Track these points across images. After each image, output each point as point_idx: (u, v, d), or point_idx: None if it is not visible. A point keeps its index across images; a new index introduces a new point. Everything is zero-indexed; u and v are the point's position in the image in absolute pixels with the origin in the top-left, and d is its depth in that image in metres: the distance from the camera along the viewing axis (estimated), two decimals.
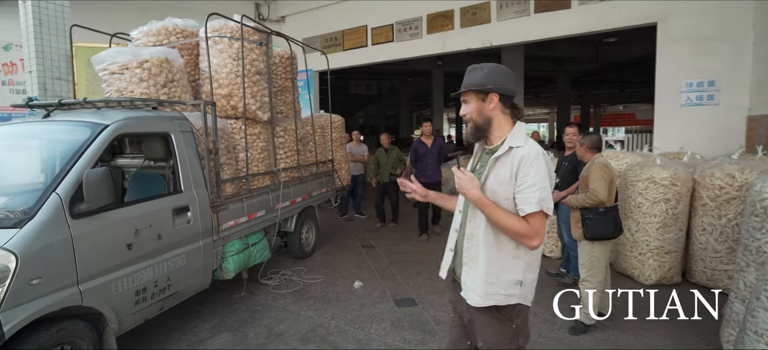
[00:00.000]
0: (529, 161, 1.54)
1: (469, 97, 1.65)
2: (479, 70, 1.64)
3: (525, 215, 1.52)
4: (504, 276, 1.59)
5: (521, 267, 1.60)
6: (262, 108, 4.28)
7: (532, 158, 1.54)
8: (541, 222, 1.53)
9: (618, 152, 4.93)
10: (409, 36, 8.73)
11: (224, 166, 3.75)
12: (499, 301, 1.61)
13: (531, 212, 1.51)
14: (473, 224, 1.65)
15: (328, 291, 4.05)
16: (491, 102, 1.62)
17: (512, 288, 1.60)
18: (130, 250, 2.67)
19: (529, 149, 1.56)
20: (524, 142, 1.58)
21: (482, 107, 1.63)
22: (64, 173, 2.42)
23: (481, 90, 1.61)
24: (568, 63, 16.74)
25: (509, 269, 1.59)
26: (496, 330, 1.65)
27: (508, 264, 1.60)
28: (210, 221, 3.40)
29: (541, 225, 1.53)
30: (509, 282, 1.59)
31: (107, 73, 3.61)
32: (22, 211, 2.25)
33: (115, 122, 2.80)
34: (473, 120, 1.65)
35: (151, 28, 4.31)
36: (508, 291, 1.60)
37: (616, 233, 3.19)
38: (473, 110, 1.64)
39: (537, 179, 1.52)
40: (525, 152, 1.56)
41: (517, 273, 1.59)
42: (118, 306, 2.61)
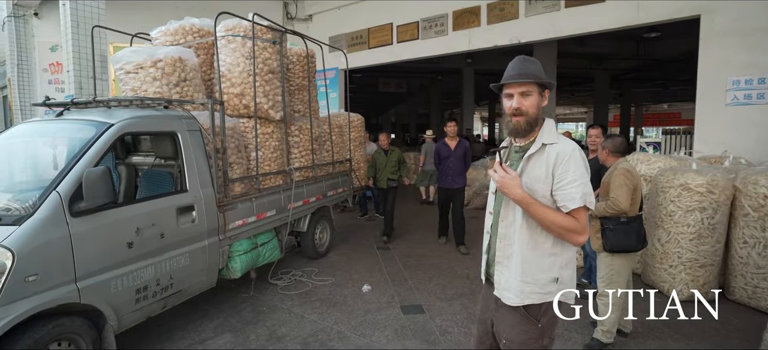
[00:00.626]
0: (567, 157, 1.52)
1: (533, 88, 1.58)
2: (534, 64, 1.61)
3: (569, 212, 1.50)
4: (540, 274, 1.57)
5: (558, 264, 1.58)
6: (274, 107, 4.26)
7: (568, 154, 1.53)
8: (585, 217, 1.52)
9: (650, 155, 4.57)
10: (434, 33, 8.54)
11: (234, 165, 3.75)
12: (535, 299, 1.58)
13: (575, 207, 1.49)
14: (506, 223, 1.63)
15: (335, 293, 3.99)
16: (545, 98, 1.61)
17: (549, 286, 1.58)
18: (130, 248, 2.70)
19: (565, 145, 1.55)
20: (557, 138, 1.58)
21: (539, 103, 1.60)
22: (65, 171, 2.46)
23: (544, 84, 1.59)
24: (607, 60, 15.95)
25: (545, 267, 1.58)
26: (521, 329, 1.62)
27: (544, 262, 1.58)
28: (216, 221, 3.40)
29: (586, 221, 1.52)
30: (545, 280, 1.58)
31: (123, 72, 3.69)
32: (22, 208, 2.30)
33: (120, 121, 2.83)
34: (529, 114, 1.58)
35: (168, 27, 4.39)
36: (544, 289, 1.58)
37: (639, 245, 2.92)
38: (534, 103, 1.58)
39: (577, 174, 1.51)
40: (560, 148, 1.55)
41: (554, 270, 1.58)
42: (118, 303, 2.64)
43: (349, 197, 5.96)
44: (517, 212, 1.59)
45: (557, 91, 23.59)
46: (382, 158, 6.09)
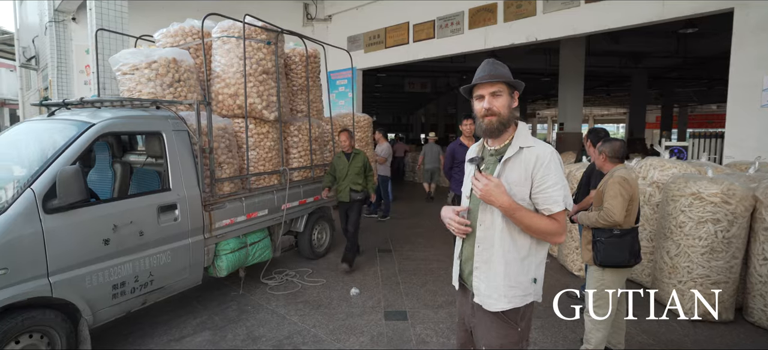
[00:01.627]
0: (547, 160, 1.54)
1: (503, 89, 1.59)
2: (503, 67, 1.62)
3: (550, 214, 1.53)
4: (522, 276, 1.59)
5: (535, 264, 1.61)
6: (269, 107, 4.27)
7: (548, 157, 1.54)
8: (564, 218, 1.57)
9: (664, 160, 4.24)
10: (450, 32, 8.36)
11: (223, 165, 3.79)
12: (518, 303, 1.59)
13: (558, 211, 1.53)
14: (484, 227, 1.61)
15: (322, 296, 3.95)
16: (515, 100, 1.63)
17: (529, 287, 1.60)
18: (107, 245, 2.76)
19: (543, 148, 1.56)
20: (534, 142, 1.59)
21: (510, 103, 1.61)
22: (42, 169, 2.55)
23: (514, 85, 1.61)
24: (644, 58, 15.12)
25: (525, 269, 1.59)
26: (501, 333, 1.63)
27: (524, 264, 1.59)
28: (201, 220, 3.45)
29: (565, 220, 1.58)
30: (527, 281, 1.59)
31: (120, 73, 3.81)
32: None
33: (100, 121, 2.91)
34: (501, 115, 1.59)
35: (169, 30, 4.50)
36: (525, 291, 1.59)
37: (631, 260, 2.69)
38: (504, 104, 1.59)
39: (558, 177, 1.53)
40: (539, 152, 1.56)
41: (532, 270, 1.60)
42: (93, 298, 2.71)
43: None
44: (495, 216, 1.58)
45: (591, 91, 22.62)
46: (342, 163, 4.80)
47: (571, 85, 11.23)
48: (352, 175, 4.72)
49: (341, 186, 4.76)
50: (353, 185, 4.71)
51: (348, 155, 4.82)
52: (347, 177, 4.72)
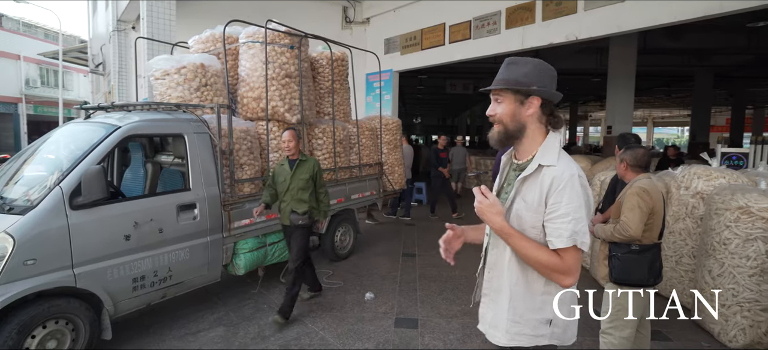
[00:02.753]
0: (562, 185, 1.31)
1: (504, 96, 1.41)
2: (521, 66, 1.39)
3: (556, 249, 1.31)
4: (530, 314, 1.40)
5: (551, 304, 1.39)
6: (291, 110, 4.37)
7: (565, 181, 1.31)
8: (574, 258, 1.31)
9: (711, 168, 3.84)
10: (486, 32, 8.14)
11: (244, 166, 3.92)
12: (524, 342, 1.41)
13: (562, 246, 1.30)
14: (496, 252, 1.47)
15: (337, 299, 3.97)
16: (530, 107, 1.39)
17: (540, 328, 1.39)
18: (127, 241, 2.94)
19: (563, 169, 1.32)
20: (557, 160, 1.35)
21: (518, 111, 1.40)
22: (70, 168, 2.76)
23: (522, 90, 1.37)
24: (710, 56, 13.93)
25: (536, 307, 1.39)
26: None
27: (535, 300, 1.39)
28: (220, 219, 3.58)
29: (574, 261, 1.32)
30: (537, 320, 1.39)
31: (153, 78, 4.05)
32: (29, 200, 2.63)
33: (127, 124, 3.11)
34: (504, 124, 1.42)
35: (201, 36, 4.73)
36: (535, 331, 1.40)
37: (651, 280, 2.47)
38: (506, 112, 1.40)
39: (571, 208, 1.30)
40: (557, 173, 1.33)
41: (547, 311, 1.39)
42: (114, 290, 2.90)
43: (379, 201, 5.91)
44: None
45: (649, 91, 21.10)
46: (284, 173, 3.58)
47: (621, 86, 10.54)
48: (294, 190, 3.53)
49: (282, 205, 3.62)
50: (295, 204, 3.53)
51: (292, 162, 3.61)
52: (288, 192, 3.55)
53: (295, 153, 3.60)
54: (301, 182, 3.56)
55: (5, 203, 2.68)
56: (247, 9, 8.74)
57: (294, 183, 3.55)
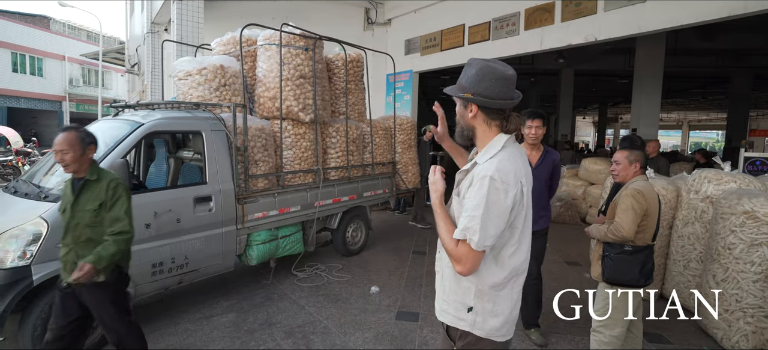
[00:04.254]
0: (476, 182, 1.40)
1: (456, 99, 1.52)
2: (468, 70, 1.47)
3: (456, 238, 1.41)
4: (454, 296, 1.51)
5: (473, 293, 1.46)
6: (305, 110, 4.56)
7: (478, 179, 1.39)
8: (464, 250, 1.37)
9: (722, 173, 3.77)
10: (505, 33, 8.13)
11: (259, 162, 4.13)
12: (448, 320, 1.54)
13: (455, 237, 1.40)
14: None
15: (343, 291, 4.13)
16: (471, 111, 1.47)
17: (461, 312, 1.49)
18: (148, 229, 3.19)
19: (484, 168, 1.40)
20: (488, 159, 1.42)
21: (463, 114, 1.50)
22: (98, 161, 3.02)
23: (460, 97, 1.47)
24: (748, 56, 13.34)
25: (460, 291, 1.49)
26: (442, 346, 1.63)
27: (460, 285, 1.49)
28: (234, 212, 3.80)
29: (464, 254, 1.37)
30: (459, 304, 1.50)
31: (176, 79, 4.33)
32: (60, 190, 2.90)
33: (149, 121, 3.36)
34: (458, 123, 1.56)
35: (223, 39, 4.99)
36: (457, 313, 1.50)
37: (641, 281, 2.50)
38: (457, 113, 1.54)
39: (471, 205, 1.38)
40: (477, 171, 1.42)
41: (469, 298, 1.47)
42: (135, 274, 3.11)
43: (392, 199, 6.04)
44: None
45: (683, 93, 20.29)
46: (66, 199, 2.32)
47: (647, 87, 10.28)
48: (81, 227, 2.26)
49: (62, 250, 2.31)
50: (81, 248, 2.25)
51: (77, 182, 2.31)
52: (70, 232, 2.27)
53: (79, 168, 2.27)
54: (86, 215, 2.24)
55: (42, 192, 2.98)
56: (272, 11, 9.07)
57: (80, 216, 2.24)
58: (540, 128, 3.14)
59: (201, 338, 3.20)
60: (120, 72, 25.35)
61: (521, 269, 1.49)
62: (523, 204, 1.42)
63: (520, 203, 1.41)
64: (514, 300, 1.50)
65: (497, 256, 1.45)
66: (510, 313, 1.49)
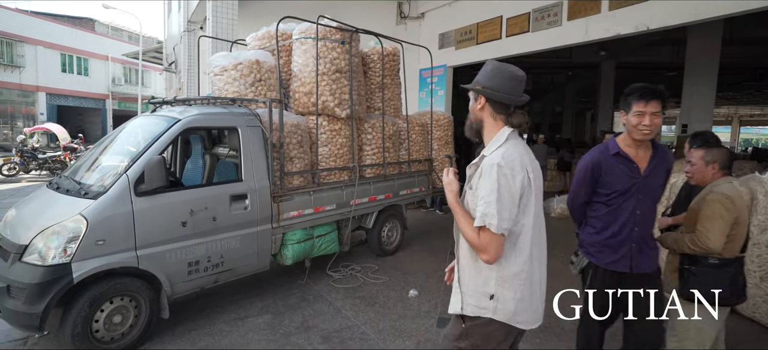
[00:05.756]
0: (486, 171, 1.50)
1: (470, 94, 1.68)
2: (485, 67, 1.64)
3: (476, 227, 1.50)
4: (476, 286, 1.57)
5: (494, 280, 1.54)
6: (340, 105, 4.42)
7: (487, 168, 1.50)
8: (487, 238, 1.47)
9: None
10: (547, 24, 7.72)
11: (294, 159, 4.02)
12: (469, 311, 1.58)
13: (477, 225, 1.49)
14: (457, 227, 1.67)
15: (380, 293, 3.97)
16: (479, 103, 1.61)
17: (484, 301, 1.55)
18: (184, 227, 3.13)
19: (491, 158, 1.51)
20: (494, 151, 1.54)
21: (473, 106, 1.65)
22: (136, 158, 2.98)
23: (473, 89, 1.63)
24: None
25: (481, 281, 1.56)
26: (447, 334, 1.71)
27: (481, 275, 1.57)
28: (269, 210, 3.71)
29: (487, 241, 1.47)
30: (480, 293, 1.56)
31: (212, 74, 4.28)
32: (101, 186, 2.88)
33: (186, 117, 3.30)
34: (469, 117, 1.69)
35: (258, 33, 4.92)
36: (479, 303, 1.56)
37: (733, 299, 2.17)
38: (470, 107, 1.68)
39: (485, 192, 1.48)
40: (485, 161, 1.53)
41: (490, 286, 1.55)
42: (172, 273, 3.10)
43: (427, 197, 5.84)
44: None
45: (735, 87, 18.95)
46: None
47: (701, 80, 9.59)
48: None
49: None
50: None
51: None
52: None
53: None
54: None
55: (82, 188, 2.96)
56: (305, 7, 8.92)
57: None
58: (657, 115, 2.05)
59: (236, 340, 3.13)
60: (158, 70, 26.24)
61: (534, 255, 1.55)
62: (531, 189, 1.50)
63: (529, 188, 1.49)
64: (534, 285, 1.55)
65: (515, 243, 1.52)
66: (530, 299, 1.54)
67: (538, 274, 1.58)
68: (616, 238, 2.18)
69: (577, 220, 2.42)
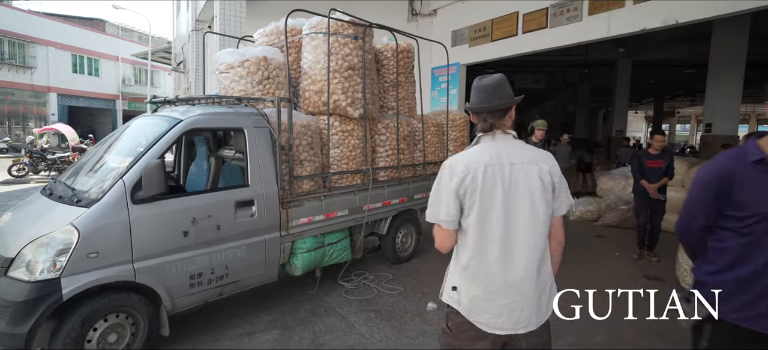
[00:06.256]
0: None
1: None
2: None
3: None
4: (449, 275, 1.68)
5: (456, 272, 1.63)
6: (353, 104, 4.15)
7: None
8: (435, 229, 1.63)
9: None
10: (565, 20, 7.38)
11: (304, 162, 3.76)
12: (445, 298, 1.67)
13: None
14: None
15: (397, 306, 3.69)
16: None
17: (450, 290, 1.64)
18: (186, 237, 2.88)
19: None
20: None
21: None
22: (133, 162, 2.74)
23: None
24: None
25: (451, 271, 1.67)
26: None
27: (451, 266, 1.69)
28: (278, 217, 3.45)
29: (436, 232, 1.63)
30: (449, 282, 1.66)
31: (218, 72, 4.04)
32: (95, 193, 2.64)
33: (188, 117, 3.05)
34: None
35: (266, 29, 4.67)
36: (449, 292, 1.64)
37: None
38: None
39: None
40: None
41: (455, 278, 1.63)
42: (172, 286, 2.85)
43: None
44: None
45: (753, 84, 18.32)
46: None
47: (726, 78, 9.16)
48: None
49: None
50: None
51: None
52: None
53: None
54: None
55: (75, 195, 2.73)
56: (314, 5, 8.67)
57: None
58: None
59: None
60: (167, 71, 26.26)
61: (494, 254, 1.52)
62: (476, 190, 1.50)
63: (472, 190, 1.51)
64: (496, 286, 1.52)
65: (464, 239, 1.58)
66: (488, 299, 1.53)
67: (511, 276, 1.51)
68: (759, 282, 1.45)
69: (691, 251, 1.75)
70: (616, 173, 8.44)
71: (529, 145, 1.62)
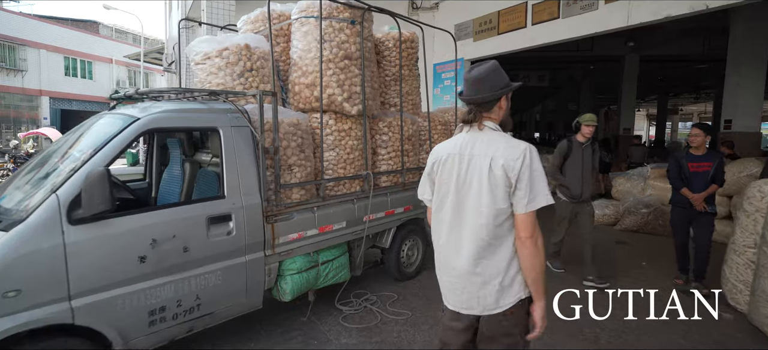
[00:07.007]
0: None
1: None
2: None
3: None
4: None
5: None
6: (350, 100, 3.59)
7: None
8: None
9: None
10: (580, 9, 6.82)
11: (294, 167, 3.19)
12: None
13: None
14: None
15: (404, 336, 3.12)
16: None
17: None
18: (143, 263, 2.31)
19: None
20: None
21: None
22: (73, 171, 2.17)
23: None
24: None
25: None
26: None
27: None
28: (261, 233, 2.88)
29: None
30: None
31: (194, 63, 3.48)
32: (18, 212, 2.07)
33: (147, 115, 2.48)
34: None
35: (250, 16, 4.12)
36: None
37: None
38: None
39: None
40: None
41: None
42: (125, 326, 2.28)
43: None
44: None
45: None
46: None
47: (748, 71, 8.60)
48: None
49: None
50: None
51: None
52: None
53: None
54: None
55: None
56: None
57: None
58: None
59: None
60: (160, 72, 25.70)
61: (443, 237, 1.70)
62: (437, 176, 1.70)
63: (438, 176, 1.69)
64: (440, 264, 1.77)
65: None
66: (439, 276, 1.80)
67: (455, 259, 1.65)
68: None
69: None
70: (634, 174, 7.87)
71: (501, 138, 1.60)
